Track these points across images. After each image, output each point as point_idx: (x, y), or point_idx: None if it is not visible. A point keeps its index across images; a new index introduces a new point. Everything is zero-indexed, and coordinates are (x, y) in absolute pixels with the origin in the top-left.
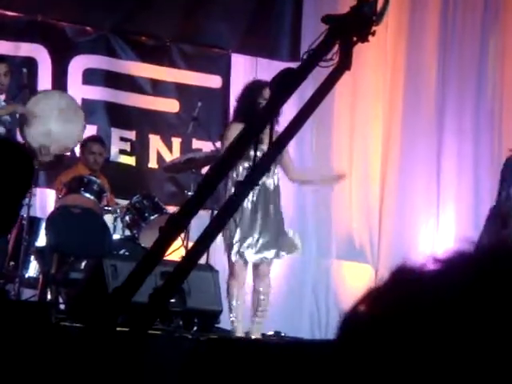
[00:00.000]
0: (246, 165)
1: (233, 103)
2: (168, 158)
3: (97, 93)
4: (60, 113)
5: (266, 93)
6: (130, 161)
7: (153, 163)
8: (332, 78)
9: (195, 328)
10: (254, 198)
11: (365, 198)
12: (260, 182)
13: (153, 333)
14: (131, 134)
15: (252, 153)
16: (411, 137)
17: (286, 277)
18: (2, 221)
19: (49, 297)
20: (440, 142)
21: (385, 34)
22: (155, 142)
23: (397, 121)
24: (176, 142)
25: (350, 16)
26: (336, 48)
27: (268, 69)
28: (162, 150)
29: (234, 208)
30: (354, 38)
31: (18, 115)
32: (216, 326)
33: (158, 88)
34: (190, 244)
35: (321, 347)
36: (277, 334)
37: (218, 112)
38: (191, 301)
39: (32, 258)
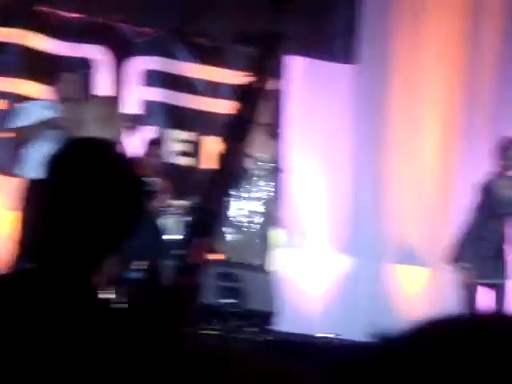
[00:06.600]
0: None
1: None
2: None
3: (155, 94)
4: (96, 121)
5: None
6: (190, 162)
7: (207, 164)
8: None
9: (251, 329)
10: None
11: None
12: None
13: (209, 333)
14: (190, 136)
15: None
16: None
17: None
18: (113, 241)
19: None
20: None
21: None
22: (208, 144)
23: None
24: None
25: None
26: None
27: (319, 71)
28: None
29: None
30: None
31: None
32: (272, 327)
33: (211, 89)
34: None
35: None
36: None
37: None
38: (248, 302)
39: None
